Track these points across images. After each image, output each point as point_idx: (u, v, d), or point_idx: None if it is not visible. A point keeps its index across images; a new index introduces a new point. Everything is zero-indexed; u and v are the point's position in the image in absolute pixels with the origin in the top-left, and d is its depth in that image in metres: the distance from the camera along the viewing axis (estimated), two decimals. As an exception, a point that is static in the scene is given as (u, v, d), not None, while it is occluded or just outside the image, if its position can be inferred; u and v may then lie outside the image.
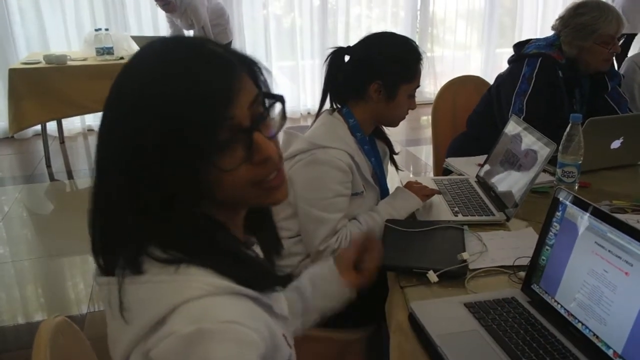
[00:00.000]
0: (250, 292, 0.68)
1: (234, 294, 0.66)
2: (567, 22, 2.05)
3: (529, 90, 2.04)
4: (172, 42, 0.72)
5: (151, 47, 0.71)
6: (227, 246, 0.72)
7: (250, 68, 0.73)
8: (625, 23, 2.03)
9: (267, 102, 0.73)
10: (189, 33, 4.66)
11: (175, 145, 0.64)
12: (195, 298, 0.63)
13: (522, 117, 2.00)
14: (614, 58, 2.15)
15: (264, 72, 0.74)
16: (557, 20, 2.11)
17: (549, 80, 2.03)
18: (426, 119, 5.19)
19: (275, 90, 0.76)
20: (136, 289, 0.66)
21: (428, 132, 5.04)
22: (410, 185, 1.62)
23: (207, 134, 0.65)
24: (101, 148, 0.70)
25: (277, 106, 0.74)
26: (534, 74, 2.04)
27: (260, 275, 0.73)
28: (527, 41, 2.21)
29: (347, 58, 1.56)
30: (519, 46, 2.21)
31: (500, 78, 2.24)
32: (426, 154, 4.57)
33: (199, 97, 0.65)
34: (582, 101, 2.15)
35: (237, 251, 0.73)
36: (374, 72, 1.51)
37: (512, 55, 2.21)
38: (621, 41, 2.02)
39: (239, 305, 0.66)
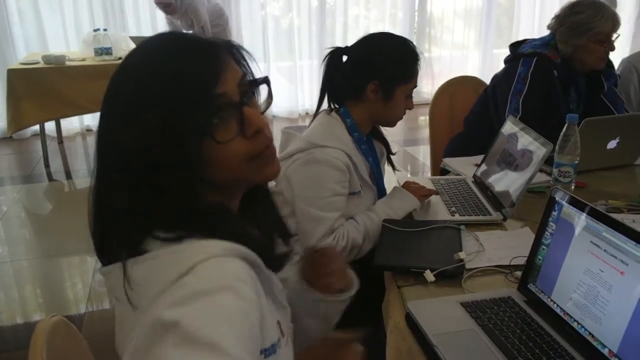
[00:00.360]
0: (258, 261, 0.70)
1: (239, 255, 0.68)
2: (563, 20, 2.06)
3: (525, 90, 2.04)
4: (158, 38, 0.76)
5: (141, 46, 0.76)
6: (230, 223, 0.73)
7: (232, 53, 0.77)
8: (620, 22, 2.04)
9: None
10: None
11: (173, 127, 0.68)
12: (202, 261, 0.64)
13: (518, 117, 2.01)
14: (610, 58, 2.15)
15: (245, 55, 0.79)
16: (553, 19, 2.12)
17: (545, 79, 2.04)
18: (424, 119, 5.20)
19: (274, 90, 0.80)
20: (142, 267, 0.67)
21: (425, 132, 5.04)
22: (407, 185, 1.63)
23: (201, 111, 0.69)
24: (102, 140, 0.72)
25: (263, 88, 0.79)
26: (530, 74, 2.05)
27: (264, 251, 0.74)
28: (524, 41, 2.21)
29: (345, 58, 1.57)
30: (515, 46, 2.21)
31: (496, 78, 2.25)
32: (424, 154, 4.57)
33: (190, 79, 0.69)
34: (579, 101, 2.16)
35: (240, 228, 0.75)
36: (372, 72, 1.51)
37: (508, 55, 2.21)
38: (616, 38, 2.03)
39: (241, 266, 0.67)
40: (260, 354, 0.69)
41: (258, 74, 0.79)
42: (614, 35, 2.03)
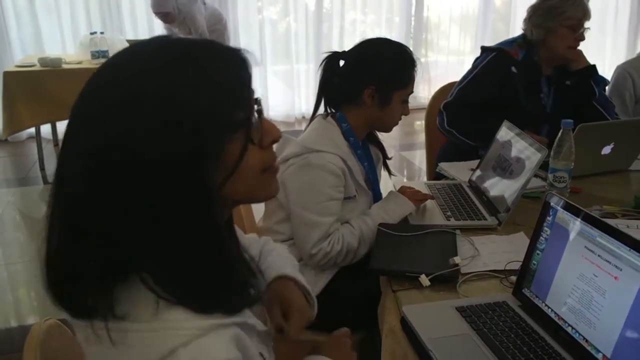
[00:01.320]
0: (237, 320, 0.67)
1: (219, 328, 0.64)
2: (536, 7, 2.12)
3: (467, 79, 2.15)
4: (197, 45, 0.69)
5: (146, 47, 0.68)
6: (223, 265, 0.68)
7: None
8: (591, 13, 2.09)
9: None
10: None
11: (206, 130, 0.63)
12: (183, 345, 0.61)
13: (447, 102, 2.14)
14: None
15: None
16: (527, 9, 2.17)
17: (494, 72, 2.10)
18: (420, 123, 5.21)
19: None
20: (118, 335, 0.62)
21: (421, 137, 5.06)
22: (403, 190, 1.63)
23: (240, 113, 0.67)
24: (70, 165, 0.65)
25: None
26: (481, 66, 2.13)
27: (243, 294, 0.71)
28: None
29: (342, 63, 1.57)
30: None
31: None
32: (419, 158, 4.58)
33: (235, 83, 0.68)
34: (549, 93, 2.18)
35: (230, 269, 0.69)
36: (368, 78, 1.52)
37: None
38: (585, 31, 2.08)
39: (226, 338, 0.64)
40: None
41: (255, 79, 0.76)
42: (585, 25, 2.07)
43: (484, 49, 2.22)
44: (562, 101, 2.16)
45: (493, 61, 2.13)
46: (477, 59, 2.24)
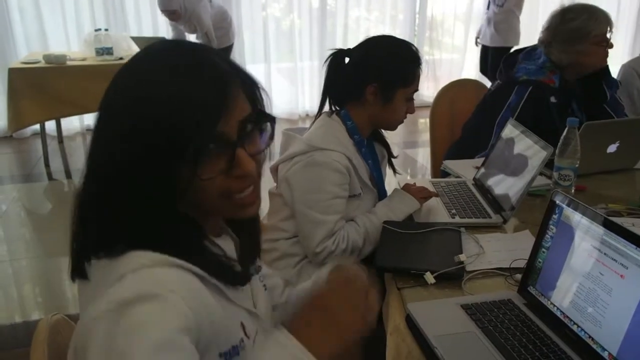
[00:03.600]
0: (192, 267, 0.70)
1: (173, 265, 0.68)
2: (557, 30, 2.00)
3: (505, 119, 1.95)
4: (175, 48, 0.73)
5: (152, 50, 0.73)
6: (187, 239, 0.73)
7: (249, 87, 0.75)
8: (612, 23, 2.02)
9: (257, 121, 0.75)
10: (192, 37, 4.68)
11: (163, 149, 0.67)
12: (132, 271, 0.65)
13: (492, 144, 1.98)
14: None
15: (262, 93, 0.77)
16: (543, 32, 2.05)
17: (535, 112, 1.97)
18: (424, 121, 5.21)
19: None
20: (96, 269, 0.70)
21: (426, 135, 5.05)
22: (408, 188, 1.63)
23: (194, 144, 0.67)
24: (93, 147, 0.72)
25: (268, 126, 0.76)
26: (520, 105, 1.99)
27: (215, 265, 0.74)
28: (517, 53, 2.15)
29: (347, 60, 1.57)
30: (508, 62, 2.15)
31: (488, 95, 2.20)
32: (423, 156, 4.58)
33: (193, 106, 0.67)
34: (581, 110, 2.13)
35: (197, 242, 0.74)
36: (372, 75, 1.52)
37: (501, 72, 2.16)
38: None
39: (175, 275, 0.67)
40: (219, 357, 0.71)
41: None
42: (610, 33, 2.00)
43: (510, 79, 2.07)
44: (593, 115, 2.07)
45: (532, 97, 1.98)
46: (502, 82, 2.12)
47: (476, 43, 5.38)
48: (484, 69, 5.38)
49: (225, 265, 0.77)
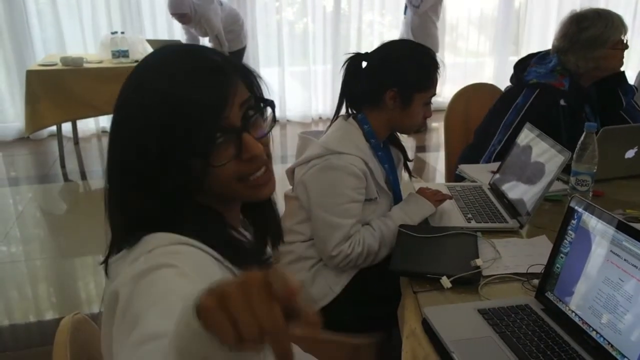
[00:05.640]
0: (206, 248, 0.74)
1: (185, 244, 0.73)
2: (574, 38, 1.98)
3: (515, 123, 1.99)
4: (176, 51, 0.80)
5: (157, 55, 0.80)
6: (213, 226, 0.79)
7: (245, 76, 0.81)
8: (627, 26, 2.00)
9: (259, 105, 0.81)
10: (204, 40, 4.71)
11: (173, 147, 0.73)
12: (148, 251, 0.71)
13: (498, 150, 2.00)
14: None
15: (258, 79, 0.83)
16: (558, 39, 2.03)
17: (540, 113, 1.96)
18: (436, 125, 5.19)
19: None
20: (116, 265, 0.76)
21: (436, 139, 5.05)
22: (422, 191, 1.63)
23: (202, 136, 0.74)
24: (110, 147, 0.78)
25: (269, 110, 0.82)
26: (526, 107, 1.99)
27: (234, 248, 0.79)
28: (529, 58, 2.14)
29: (364, 64, 1.57)
30: (519, 67, 2.14)
31: (498, 99, 2.19)
32: (436, 160, 4.57)
33: (196, 105, 0.73)
34: (595, 115, 2.12)
35: (217, 228, 0.80)
36: (390, 80, 1.52)
37: (512, 76, 2.15)
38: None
39: (186, 249, 0.72)
40: None
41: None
42: (624, 36, 1.98)
43: (520, 82, 2.08)
44: (608, 122, 2.03)
45: (538, 99, 1.98)
46: (513, 85, 2.12)
47: None
48: None
49: (242, 250, 0.82)
